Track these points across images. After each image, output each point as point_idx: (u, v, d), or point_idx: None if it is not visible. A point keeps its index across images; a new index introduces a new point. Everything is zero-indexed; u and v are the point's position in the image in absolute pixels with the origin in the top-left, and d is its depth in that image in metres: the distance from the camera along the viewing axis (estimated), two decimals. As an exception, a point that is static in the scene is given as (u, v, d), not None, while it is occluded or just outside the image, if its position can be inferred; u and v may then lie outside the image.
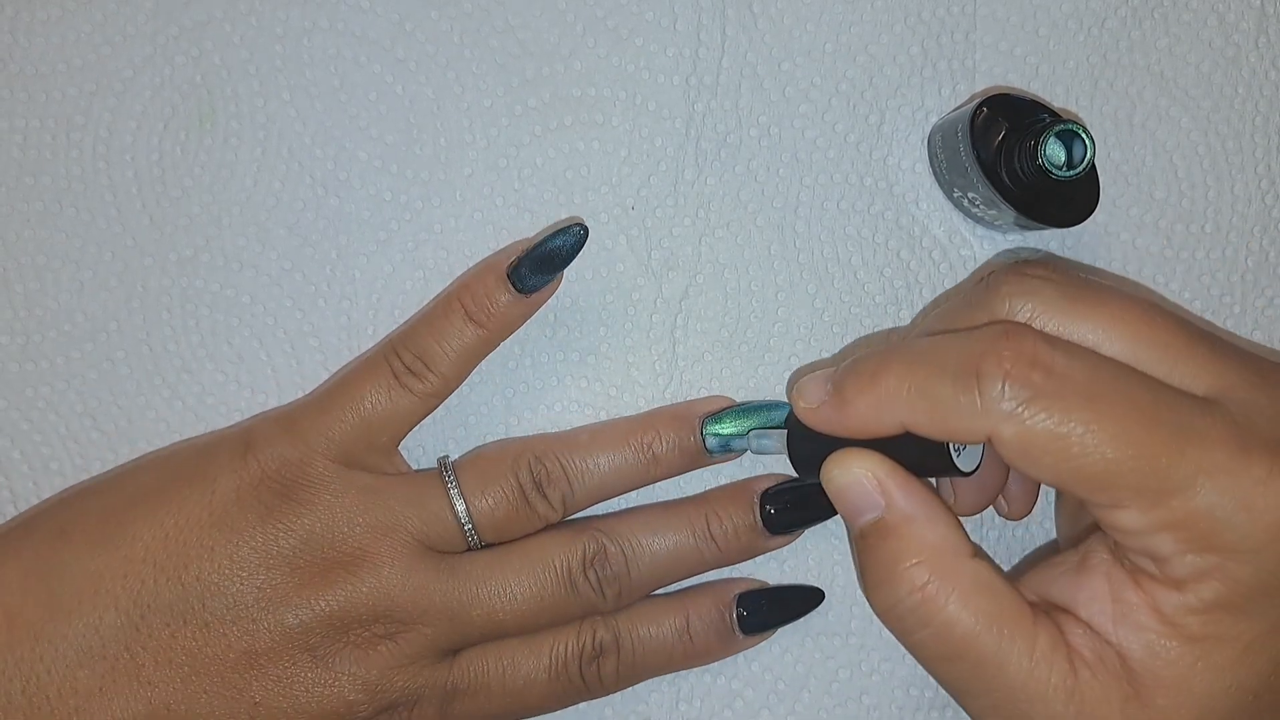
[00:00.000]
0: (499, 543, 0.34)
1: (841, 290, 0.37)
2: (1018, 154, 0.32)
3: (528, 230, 0.37)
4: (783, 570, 0.37)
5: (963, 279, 0.37)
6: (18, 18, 0.36)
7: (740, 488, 0.35)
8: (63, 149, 0.36)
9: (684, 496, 0.36)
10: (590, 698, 0.34)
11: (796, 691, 0.37)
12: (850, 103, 0.37)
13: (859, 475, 0.30)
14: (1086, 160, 0.32)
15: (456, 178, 0.37)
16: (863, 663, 0.37)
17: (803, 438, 0.32)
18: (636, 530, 0.34)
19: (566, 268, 0.33)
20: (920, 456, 0.29)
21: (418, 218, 0.36)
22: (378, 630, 0.32)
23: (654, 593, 0.35)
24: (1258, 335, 0.38)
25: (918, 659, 0.30)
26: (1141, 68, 0.37)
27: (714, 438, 0.34)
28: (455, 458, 0.35)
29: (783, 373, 0.37)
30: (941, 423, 0.28)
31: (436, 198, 0.36)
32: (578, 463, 0.34)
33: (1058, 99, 0.37)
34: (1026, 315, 0.29)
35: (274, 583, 0.32)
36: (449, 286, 0.36)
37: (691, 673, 0.36)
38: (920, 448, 0.29)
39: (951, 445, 0.29)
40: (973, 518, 0.36)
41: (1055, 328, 0.29)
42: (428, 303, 0.36)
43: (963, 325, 0.30)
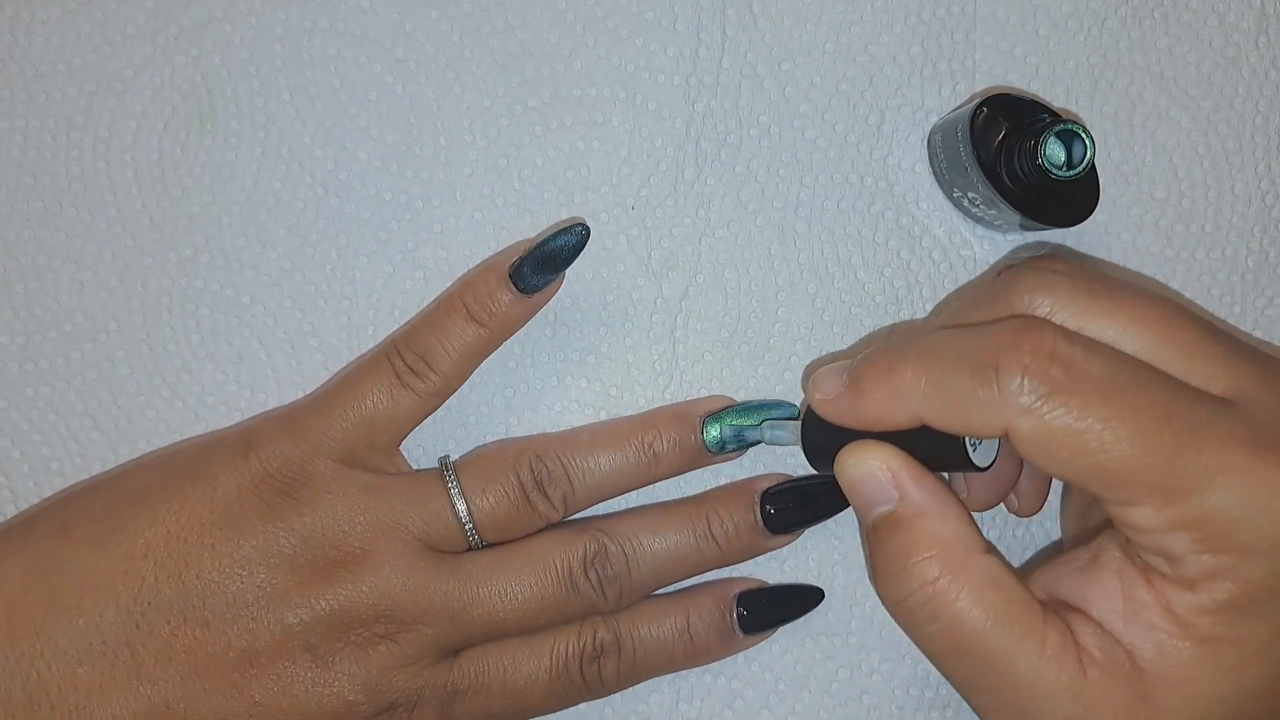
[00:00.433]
0: (500, 542, 0.34)
1: (842, 290, 0.37)
2: (1018, 154, 0.32)
3: (528, 230, 0.37)
4: (783, 570, 0.37)
5: (963, 279, 0.37)
6: (18, 18, 0.36)
7: (741, 487, 0.35)
8: (63, 149, 0.36)
9: (685, 496, 0.36)
10: (591, 698, 0.34)
11: (796, 691, 0.37)
12: (850, 103, 0.37)
13: (873, 468, 0.30)
14: (1086, 160, 0.31)
15: (457, 178, 0.37)
16: (863, 663, 0.37)
17: (817, 429, 0.32)
18: (637, 530, 0.34)
19: (568, 268, 0.33)
20: (935, 451, 0.29)
21: (418, 218, 0.36)
22: (378, 630, 0.32)
23: (654, 592, 0.35)
24: (1258, 335, 0.38)
25: (925, 653, 0.30)
26: (1141, 68, 0.37)
27: (714, 437, 0.34)
28: (456, 457, 0.35)
29: (783, 373, 0.37)
30: (959, 416, 0.28)
31: (437, 198, 0.36)
32: (579, 462, 0.34)
33: (1058, 99, 0.37)
34: (1045, 311, 0.29)
35: (274, 582, 0.32)
36: (451, 286, 0.36)
37: (691, 672, 0.36)
38: (936, 442, 0.29)
39: (967, 440, 0.29)
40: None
41: (1073, 323, 0.29)
42: (429, 303, 0.36)
43: (980, 320, 0.30)
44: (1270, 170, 0.37)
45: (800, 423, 0.32)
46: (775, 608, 0.35)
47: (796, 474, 0.36)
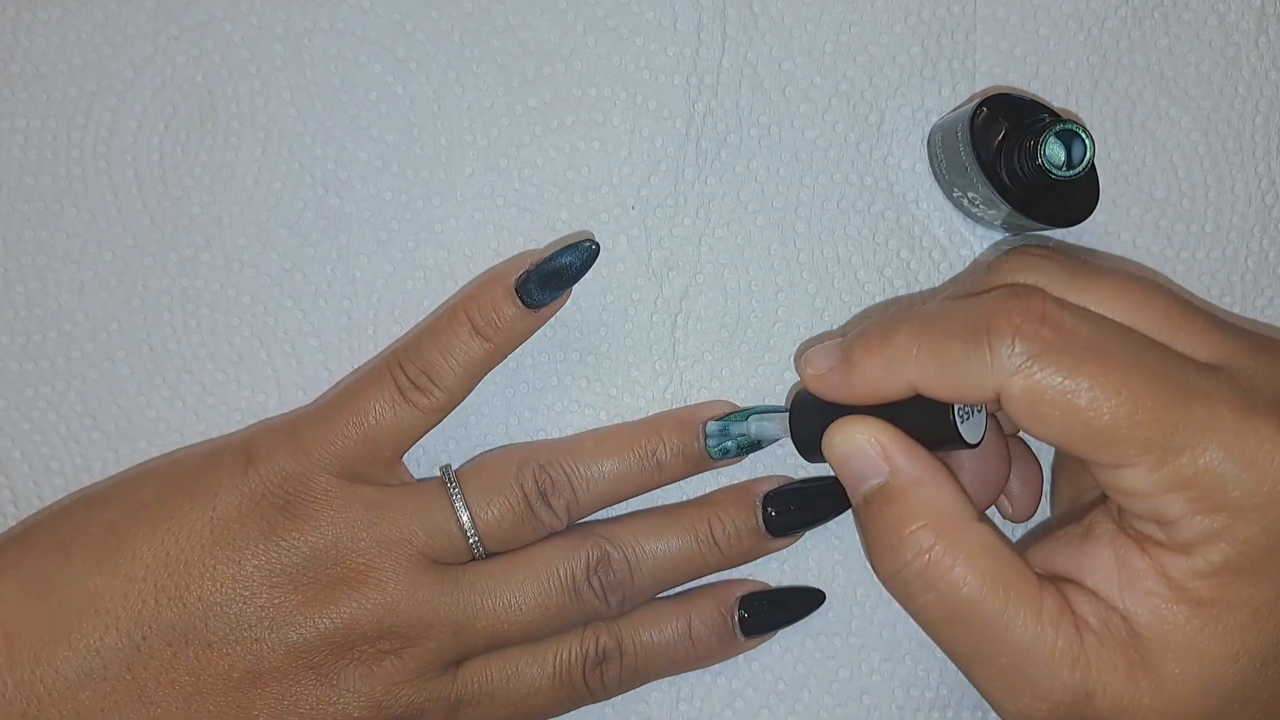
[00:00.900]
0: (502, 551, 0.33)
1: (841, 290, 0.37)
2: (1018, 154, 0.32)
3: (528, 230, 0.37)
4: (783, 571, 0.37)
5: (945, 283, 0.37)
6: (18, 18, 0.36)
7: (742, 490, 0.35)
8: (63, 149, 0.36)
9: (685, 500, 0.36)
10: (593, 702, 0.34)
11: (797, 691, 0.37)
12: (850, 103, 0.37)
13: (861, 441, 0.29)
14: (1086, 160, 0.32)
15: (457, 177, 0.37)
16: (863, 663, 0.37)
17: (805, 417, 0.32)
18: (639, 535, 0.34)
19: (576, 284, 0.33)
20: (924, 428, 0.29)
21: (418, 217, 0.36)
22: (382, 646, 0.32)
23: (655, 596, 0.35)
24: (1258, 335, 0.38)
25: (921, 624, 0.30)
26: (1141, 68, 0.37)
27: (716, 444, 0.34)
28: (457, 464, 0.35)
29: (783, 372, 0.37)
30: (951, 380, 0.28)
31: (437, 197, 0.36)
32: (582, 470, 0.34)
33: (1058, 99, 0.37)
34: None
35: (277, 601, 0.31)
36: (453, 296, 0.36)
37: (692, 673, 0.36)
38: (925, 416, 0.29)
39: (957, 411, 0.29)
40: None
41: None
42: (432, 312, 0.36)
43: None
44: (1270, 170, 0.37)
45: (787, 413, 0.32)
46: (776, 610, 0.35)
47: (797, 476, 0.36)
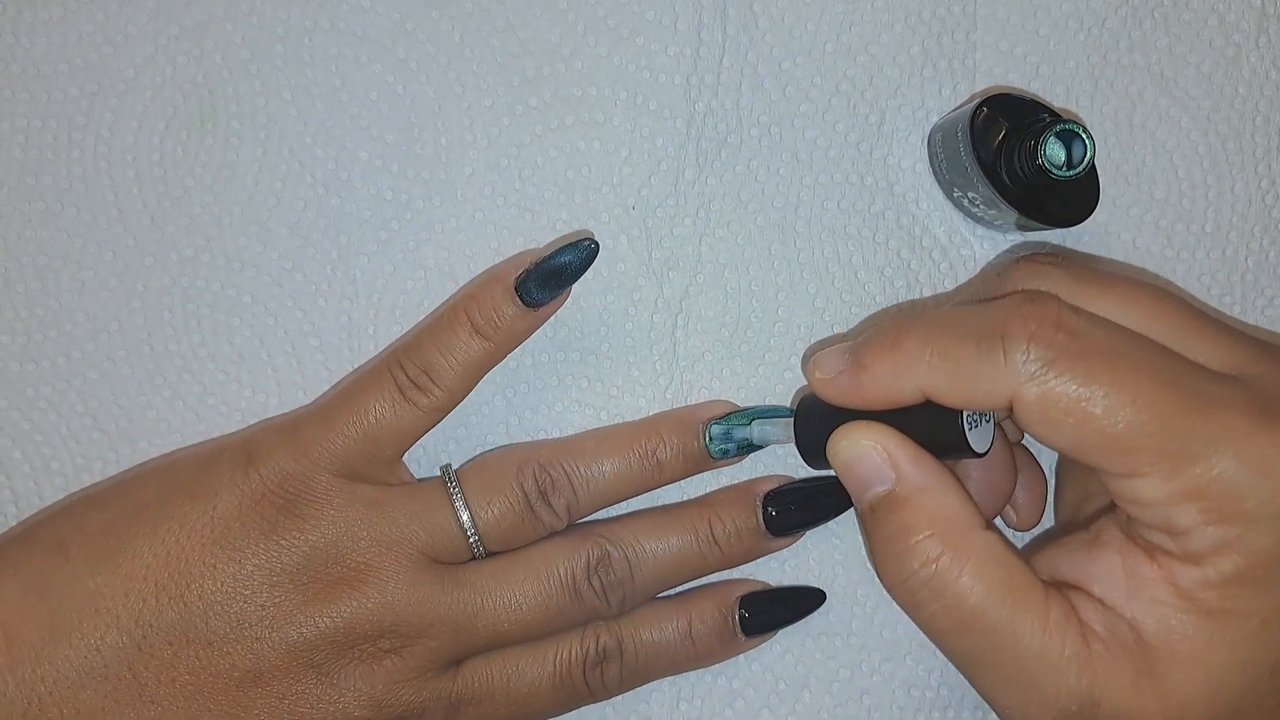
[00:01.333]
0: (502, 551, 0.33)
1: (842, 290, 0.37)
2: (1018, 154, 0.32)
3: (529, 229, 0.37)
4: (784, 571, 0.37)
5: (963, 279, 0.37)
6: (19, 18, 0.36)
7: (742, 490, 0.35)
8: (64, 149, 0.36)
9: (686, 499, 0.36)
10: (594, 702, 0.34)
11: (797, 691, 0.37)
12: (850, 103, 0.37)
13: (867, 447, 0.29)
14: (1086, 160, 0.32)
15: (457, 177, 0.37)
16: (864, 663, 0.37)
17: (809, 423, 0.31)
18: (639, 535, 0.34)
19: (575, 283, 0.33)
20: (931, 436, 0.29)
21: (419, 217, 0.36)
22: (383, 645, 0.32)
23: (656, 595, 0.35)
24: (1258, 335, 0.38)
25: (928, 633, 0.29)
26: (1141, 68, 0.37)
27: (717, 444, 0.34)
28: (458, 464, 0.35)
29: (783, 373, 0.37)
30: (963, 386, 0.27)
31: (437, 197, 0.37)
32: (582, 470, 0.33)
33: (1058, 99, 0.37)
34: None
35: (277, 600, 0.31)
36: (453, 295, 0.36)
37: (692, 673, 0.36)
38: (933, 424, 0.29)
39: (965, 418, 0.28)
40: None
41: None
42: (431, 312, 0.36)
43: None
44: (1270, 170, 0.37)
45: (792, 418, 0.32)
46: (777, 610, 0.35)
47: (798, 476, 0.36)
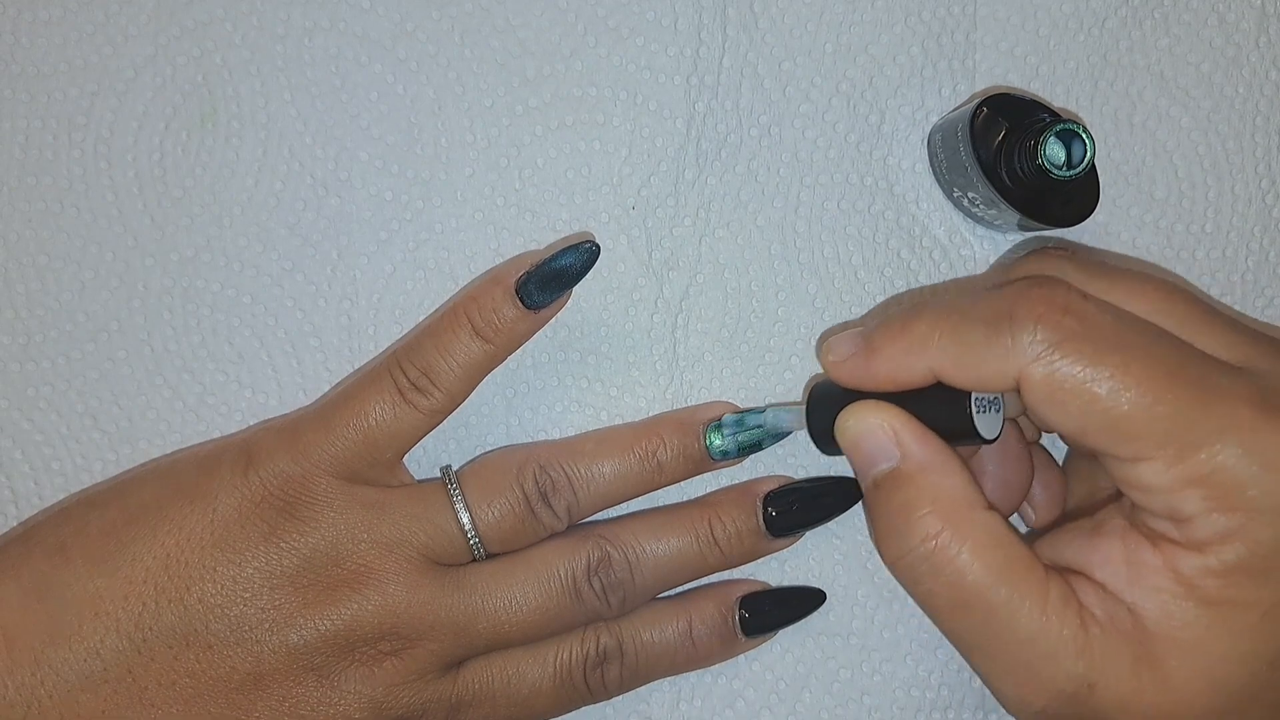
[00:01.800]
0: (503, 553, 0.33)
1: (842, 290, 0.37)
2: (1018, 154, 0.32)
3: (529, 230, 0.37)
4: (784, 571, 0.37)
5: (963, 279, 0.37)
6: (19, 18, 0.36)
7: (743, 490, 0.35)
8: (64, 149, 0.36)
9: (686, 500, 0.36)
10: (594, 702, 0.34)
11: (797, 692, 0.37)
12: (850, 103, 0.37)
13: (874, 425, 0.30)
14: (1086, 160, 0.32)
15: (457, 177, 0.37)
16: (864, 663, 0.37)
17: (821, 408, 0.32)
18: (640, 536, 0.34)
19: (576, 285, 0.33)
20: (940, 416, 0.29)
21: (419, 218, 0.36)
22: (383, 647, 0.32)
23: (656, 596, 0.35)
24: (1258, 335, 0.38)
25: (926, 611, 0.30)
26: (1141, 68, 0.37)
27: (717, 445, 0.34)
28: (458, 465, 0.35)
29: (783, 373, 0.37)
30: (971, 366, 0.28)
31: (437, 198, 0.37)
32: (582, 471, 0.33)
33: (1058, 99, 0.37)
34: None
35: (277, 603, 0.31)
36: (453, 297, 0.36)
37: (692, 673, 0.36)
38: (941, 406, 0.29)
39: (974, 401, 0.29)
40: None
41: None
42: (432, 313, 0.36)
43: None
44: (1270, 170, 0.37)
45: (804, 405, 0.32)
46: (777, 610, 0.35)
47: (797, 476, 0.36)
